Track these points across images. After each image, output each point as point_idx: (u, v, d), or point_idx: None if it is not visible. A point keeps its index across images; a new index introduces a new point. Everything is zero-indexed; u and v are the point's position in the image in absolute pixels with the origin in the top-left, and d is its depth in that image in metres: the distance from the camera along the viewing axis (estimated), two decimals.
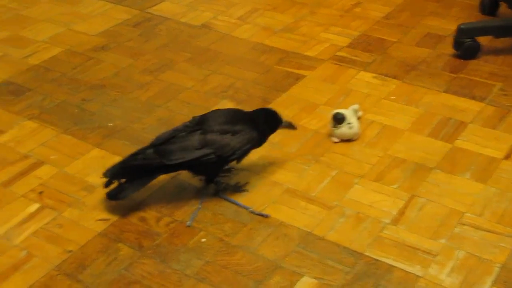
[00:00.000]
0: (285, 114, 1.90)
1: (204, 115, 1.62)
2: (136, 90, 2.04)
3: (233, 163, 1.63)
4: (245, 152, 1.60)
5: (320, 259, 1.45)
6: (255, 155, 1.75)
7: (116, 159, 1.73)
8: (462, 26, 2.17)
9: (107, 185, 1.57)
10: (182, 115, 1.91)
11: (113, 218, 1.56)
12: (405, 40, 2.31)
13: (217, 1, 2.60)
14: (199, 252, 1.47)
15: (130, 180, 1.56)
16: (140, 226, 1.54)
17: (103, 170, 1.67)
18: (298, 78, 2.07)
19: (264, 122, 1.62)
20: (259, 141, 1.63)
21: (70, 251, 1.47)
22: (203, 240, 1.50)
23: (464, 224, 1.54)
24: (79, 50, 2.26)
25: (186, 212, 1.57)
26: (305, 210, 1.58)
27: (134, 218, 1.56)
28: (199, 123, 1.59)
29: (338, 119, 1.77)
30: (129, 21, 2.44)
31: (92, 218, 1.56)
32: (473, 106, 1.95)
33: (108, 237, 1.50)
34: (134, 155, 1.57)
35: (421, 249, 1.47)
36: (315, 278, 1.40)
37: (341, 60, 2.19)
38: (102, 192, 1.62)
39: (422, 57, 2.21)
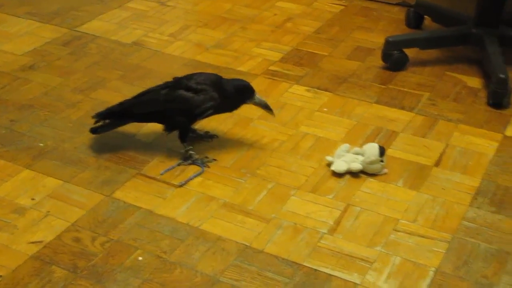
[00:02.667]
0: (220, 129, 1.91)
1: (184, 75, 1.80)
2: (67, 109, 2.00)
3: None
4: (205, 110, 1.73)
5: (259, 272, 1.44)
6: (190, 171, 1.74)
7: (48, 180, 1.70)
8: (390, 39, 2.23)
9: (94, 128, 1.81)
10: (115, 133, 1.89)
11: (46, 239, 1.51)
12: (335, 53, 2.35)
13: (148, 18, 2.59)
14: (136, 271, 1.44)
15: (111, 122, 1.80)
16: (74, 247, 1.50)
17: (34, 191, 1.65)
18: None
19: (234, 90, 1.76)
20: (224, 105, 1.76)
21: (0, 277, 1.42)
22: (140, 258, 1.47)
23: (398, 231, 1.56)
24: (6, 70, 2.20)
25: (122, 230, 1.55)
26: (243, 223, 1.58)
27: (68, 239, 1.52)
28: (175, 82, 1.79)
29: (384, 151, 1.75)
30: (58, 40, 2.40)
31: (23, 241, 1.51)
32: (403, 116, 2.00)
33: (41, 260, 1.46)
34: (119, 103, 1.81)
35: (358, 257, 1.49)
36: None
37: (274, 75, 2.21)
38: (33, 214, 1.58)
39: (352, 69, 2.25)
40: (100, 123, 1.81)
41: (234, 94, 1.76)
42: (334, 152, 1.78)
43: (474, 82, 2.18)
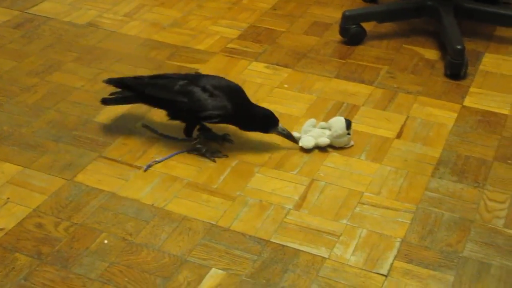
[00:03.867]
0: None
1: (208, 75, 1.78)
2: (22, 93, 1.95)
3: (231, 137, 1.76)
4: (211, 117, 1.66)
5: (226, 250, 1.44)
6: (153, 152, 1.72)
7: (6, 166, 1.67)
8: (347, 13, 2.23)
9: (105, 99, 1.77)
10: (74, 116, 1.85)
11: (8, 227, 1.48)
12: (293, 29, 2.34)
13: None
14: (102, 254, 1.42)
15: (121, 94, 1.75)
16: (37, 233, 1.47)
17: None
18: (191, 71, 2.04)
19: (261, 116, 1.70)
20: (237, 120, 1.69)
21: None
22: (106, 241, 1.45)
23: (363, 204, 1.57)
24: None
25: (85, 214, 1.52)
26: (208, 202, 1.57)
27: (30, 225, 1.49)
28: (196, 76, 1.73)
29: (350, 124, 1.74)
30: (9, 23, 2.34)
31: None
32: (363, 89, 2.01)
33: (3, 248, 1.43)
34: (134, 77, 1.76)
35: (325, 231, 1.49)
36: (223, 269, 1.39)
37: (232, 52, 2.19)
38: None
39: (311, 45, 2.25)
40: (113, 96, 1.76)
41: (257, 120, 1.70)
42: (300, 128, 1.77)
43: (431, 54, 2.20)
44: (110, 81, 1.76)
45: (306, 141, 1.72)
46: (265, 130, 1.72)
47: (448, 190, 1.62)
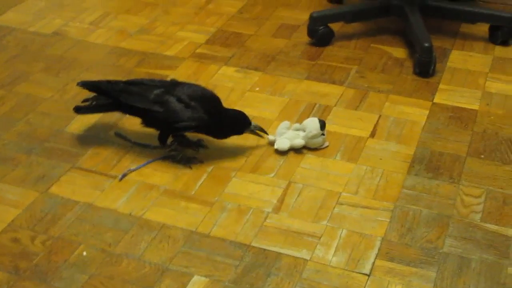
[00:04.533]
0: None
1: (183, 82, 1.72)
2: None
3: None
4: (186, 127, 1.65)
5: (208, 257, 1.43)
6: (127, 160, 1.70)
7: None
8: (314, 15, 2.23)
9: (78, 107, 1.73)
10: (44, 127, 1.82)
11: None
12: (261, 32, 2.34)
13: (66, 7, 2.50)
14: (81, 267, 1.40)
15: (96, 101, 1.71)
16: (13, 247, 1.44)
17: None
18: (161, 78, 2.02)
19: (232, 119, 1.69)
20: (212, 129, 1.67)
21: None
22: (84, 253, 1.43)
23: (342, 204, 1.58)
24: None
25: (62, 226, 1.50)
26: (186, 209, 1.56)
27: (6, 240, 1.46)
28: (171, 84, 1.69)
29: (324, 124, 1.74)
30: None
31: None
32: (334, 90, 2.01)
33: None
34: (108, 81, 1.72)
35: (305, 233, 1.49)
36: (205, 276, 1.38)
37: (201, 57, 2.18)
38: None
39: (279, 47, 2.25)
40: (86, 103, 1.72)
41: (230, 123, 1.68)
42: (274, 131, 1.76)
43: (399, 52, 2.22)
44: (84, 84, 1.72)
45: (281, 143, 1.72)
46: (240, 131, 1.71)
47: (424, 187, 1.63)
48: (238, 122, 1.69)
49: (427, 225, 1.52)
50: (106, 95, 1.70)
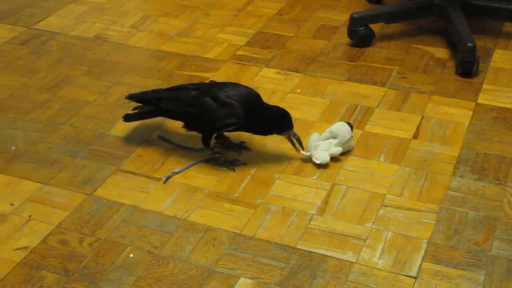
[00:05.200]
0: None
1: (221, 82, 1.74)
2: (35, 109, 1.94)
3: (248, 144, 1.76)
4: (226, 125, 1.64)
5: (253, 259, 1.43)
6: (171, 163, 1.72)
7: (25, 183, 1.66)
8: (354, 15, 2.22)
9: (127, 115, 1.78)
10: (88, 131, 1.85)
11: (32, 245, 1.47)
12: (300, 33, 2.34)
13: (106, 11, 2.53)
14: (129, 268, 1.41)
15: (141, 109, 1.76)
16: (62, 249, 1.46)
17: (12, 196, 1.60)
18: (202, 80, 2.04)
19: (273, 116, 1.66)
20: (253, 126, 1.66)
21: None
22: (131, 255, 1.45)
23: (386, 206, 1.57)
24: None
25: (108, 228, 1.51)
26: (230, 211, 1.56)
27: (54, 242, 1.48)
28: (209, 86, 1.71)
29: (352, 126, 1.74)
30: (16, 39, 2.33)
31: (8, 248, 1.47)
32: (376, 91, 2.00)
33: (29, 266, 1.42)
34: (153, 90, 1.78)
35: (350, 235, 1.49)
36: (251, 278, 1.38)
37: (241, 59, 2.18)
38: (15, 220, 1.53)
39: (319, 48, 2.24)
40: (134, 111, 1.77)
41: (272, 120, 1.66)
42: (307, 147, 1.72)
43: (441, 52, 2.20)
44: (131, 97, 1.76)
45: (322, 156, 1.68)
46: (280, 130, 1.69)
47: (470, 188, 1.61)
48: (281, 120, 1.67)
49: (473, 228, 1.50)
50: (151, 105, 1.74)
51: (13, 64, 2.19)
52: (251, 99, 1.68)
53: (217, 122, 1.65)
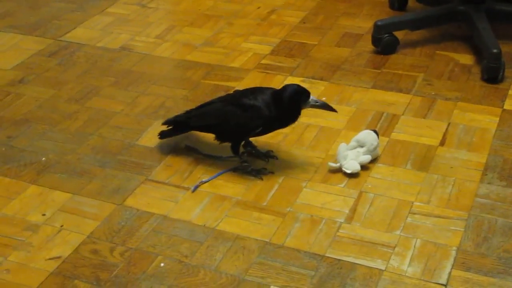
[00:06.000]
0: None
1: (243, 90, 1.78)
2: (64, 120, 1.97)
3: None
4: (253, 128, 1.67)
5: (283, 267, 1.44)
6: (199, 172, 1.73)
7: (56, 193, 1.68)
8: (379, 23, 2.23)
9: (161, 133, 1.82)
10: (116, 141, 1.87)
11: (64, 254, 1.49)
12: (324, 42, 2.35)
13: (131, 22, 2.56)
14: (160, 278, 1.43)
15: (175, 129, 1.81)
16: (94, 259, 1.48)
17: (43, 206, 1.63)
18: (228, 90, 2.05)
19: (287, 98, 1.65)
20: (278, 121, 1.67)
21: None
22: (162, 264, 1.46)
23: (415, 213, 1.57)
24: None
25: (139, 238, 1.53)
26: (259, 220, 1.57)
27: (86, 252, 1.50)
28: (231, 96, 1.77)
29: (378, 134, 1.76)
30: (44, 51, 2.37)
31: (41, 258, 1.49)
32: (401, 98, 2.00)
33: (62, 275, 1.44)
34: (185, 112, 1.81)
35: (379, 243, 1.49)
36: (282, 286, 1.39)
37: (267, 68, 2.20)
38: (47, 230, 1.56)
39: (344, 56, 2.25)
40: (168, 128, 1.82)
41: (287, 102, 1.65)
42: (335, 158, 1.73)
43: (466, 59, 2.19)
44: (167, 122, 1.82)
45: (352, 166, 1.68)
46: (298, 107, 1.66)
47: (498, 195, 1.61)
48: (296, 96, 1.65)
49: (503, 234, 1.49)
50: (182, 125, 1.79)
51: (42, 76, 2.22)
52: (273, 97, 1.68)
53: (244, 127, 1.67)
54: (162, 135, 1.82)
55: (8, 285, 1.43)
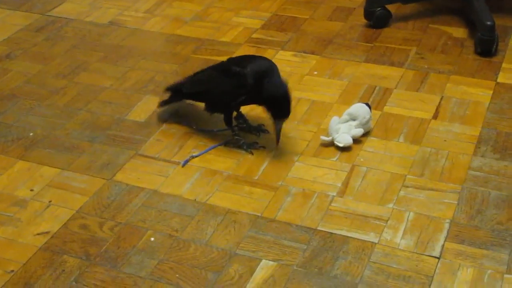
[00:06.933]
0: None
1: (235, 57, 1.81)
2: (52, 95, 1.94)
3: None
4: (236, 97, 1.63)
5: (275, 241, 1.42)
6: (190, 147, 1.71)
7: (44, 169, 1.66)
8: None
9: (161, 102, 1.82)
10: (105, 116, 1.84)
11: (53, 230, 1.47)
12: (316, 16, 2.32)
13: None
14: (150, 252, 1.41)
15: (171, 97, 1.80)
16: (83, 234, 1.46)
17: (31, 182, 1.60)
18: None
19: (269, 97, 1.59)
20: (259, 93, 1.59)
21: (11, 271, 1.38)
22: (152, 239, 1.44)
23: (408, 186, 1.55)
24: None
25: (129, 213, 1.51)
26: (250, 194, 1.55)
27: (75, 227, 1.48)
28: (222, 63, 1.73)
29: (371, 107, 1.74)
30: (31, 26, 2.33)
31: (29, 233, 1.47)
32: (394, 72, 1.98)
33: (51, 251, 1.42)
34: (185, 78, 1.80)
35: (371, 216, 1.48)
36: (273, 260, 1.38)
37: (258, 42, 2.17)
38: (35, 205, 1.54)
39: (336, 30, 2.22)
40: (167, 97, 1.81)
41: (268, 99, 1.59)
42: (327, 132, 1.70)
43: (459, 32, 2.17)
44: (168, 89, 1.82)
45: (344, 139, 1.66)
46: (274, 114, 1.60)
47: (492, 168, 1.59)
48: (277, 104, 1.59)
49: (496, 207, 1.48)
50: (176, 92, 1.79)
51: (29, 51, 2.18)
52: (264, 69, 1.63)
53: (228, 94, 1.65)
54: (161, 103, 1.82)
55: None
